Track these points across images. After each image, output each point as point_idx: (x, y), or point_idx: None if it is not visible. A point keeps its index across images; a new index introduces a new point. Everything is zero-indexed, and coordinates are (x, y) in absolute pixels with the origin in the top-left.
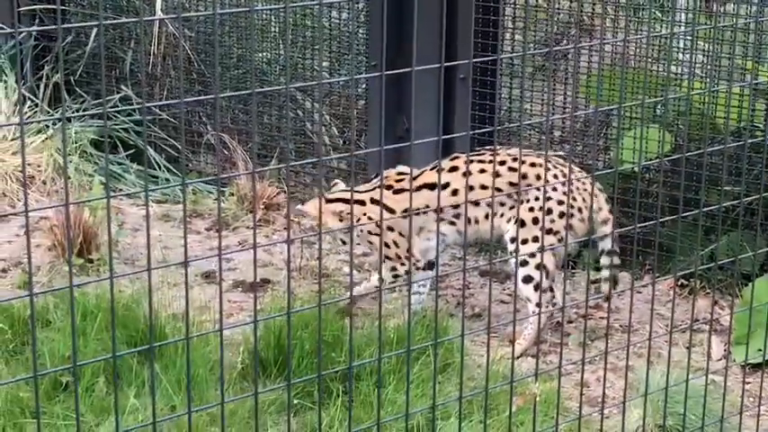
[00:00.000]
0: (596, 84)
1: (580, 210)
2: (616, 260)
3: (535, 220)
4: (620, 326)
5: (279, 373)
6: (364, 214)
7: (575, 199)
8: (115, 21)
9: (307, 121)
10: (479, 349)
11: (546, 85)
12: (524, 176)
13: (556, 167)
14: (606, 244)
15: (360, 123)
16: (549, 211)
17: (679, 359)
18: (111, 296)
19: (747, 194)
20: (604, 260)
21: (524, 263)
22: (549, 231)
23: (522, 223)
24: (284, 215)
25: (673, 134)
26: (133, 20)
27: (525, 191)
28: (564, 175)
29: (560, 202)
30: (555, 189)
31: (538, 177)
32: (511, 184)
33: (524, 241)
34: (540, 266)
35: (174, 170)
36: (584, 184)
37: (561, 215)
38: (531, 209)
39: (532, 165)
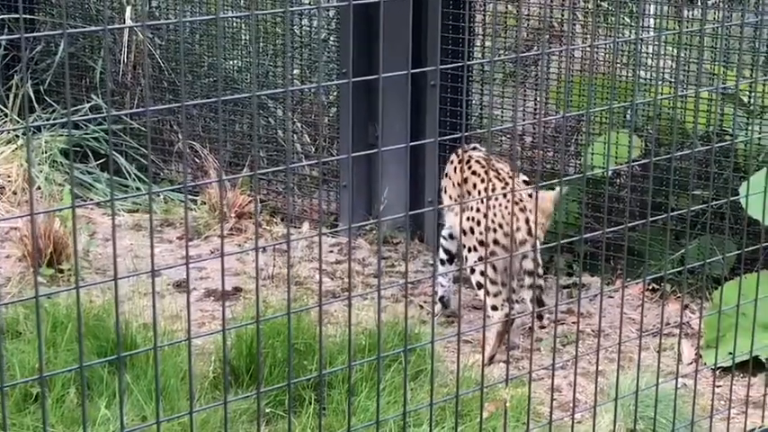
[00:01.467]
0: (565, 90)
1: (501, 226)
2: (538, 281)
3: (471, 230)
4: (592, 330)
5: (251, 381)
6: None
7: (495, 215)
8: (79, 29)
9: (278, 129)
10: (452, 355)
11: (515, 92)
12: (465, 181)
13: (496, 179)
14: (527, 264)
15: (332, 131)
16: (479, 223)
17: (650, 363)
18: (77, 306)
19: (716, 198)
20: (527, 280)
21: (472, 270)
22: (481, 243)
23: (464, 231)
24: (255, 223)
25: (642, 139)
26: (98, 28)
27: (470, 198)
28: (503, 188)
29: (485, 216)
30: (482, 202)
31: (474, 186)
32: (458, 184)
33: (469, 249)
34: (483, 274)
35: (145, 179)
36: (510, 201)
37: (486, 229)
38: (468, 218)
39: (474, 173)
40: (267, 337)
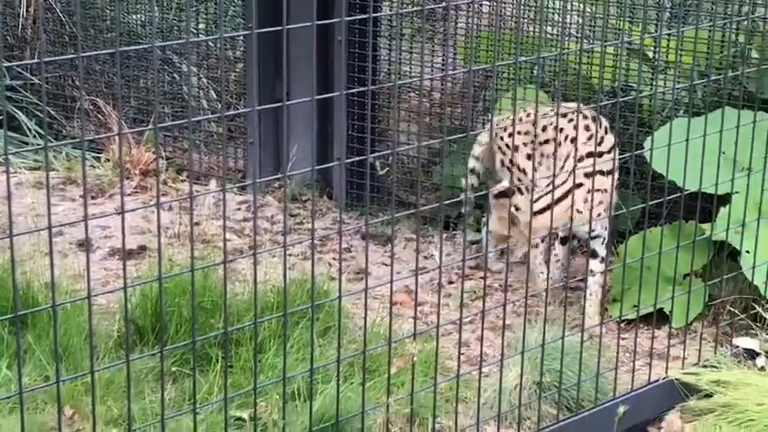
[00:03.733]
0: (472, 45)
1: None
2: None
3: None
4: (500, 285)
5: (156, 340)
6: None
7: None
8: None
9: (184, 85)
10: (361, 312)
11: (423, 47)
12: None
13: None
14: None
15: (239, 87)
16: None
17: (556, 317)
18: None
19: (621, 153)
20: None
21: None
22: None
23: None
24: (162, 180)
25: (549, 94)
26: None
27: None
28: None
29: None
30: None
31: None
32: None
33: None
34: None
35: (48, 136)
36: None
37: None
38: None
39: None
40: (173, 296)
